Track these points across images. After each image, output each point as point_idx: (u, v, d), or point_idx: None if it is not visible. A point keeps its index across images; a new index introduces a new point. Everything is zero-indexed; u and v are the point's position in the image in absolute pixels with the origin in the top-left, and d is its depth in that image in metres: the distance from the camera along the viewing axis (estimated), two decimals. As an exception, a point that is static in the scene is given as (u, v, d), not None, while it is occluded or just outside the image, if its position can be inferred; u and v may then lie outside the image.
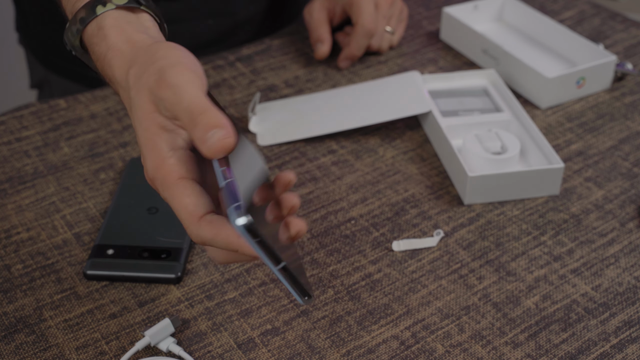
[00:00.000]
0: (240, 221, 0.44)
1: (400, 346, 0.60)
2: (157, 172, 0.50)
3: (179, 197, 0.49)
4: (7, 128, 0.82)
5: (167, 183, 0.50)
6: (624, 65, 0.90)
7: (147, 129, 0.50)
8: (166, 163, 0.50)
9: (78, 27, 0.56)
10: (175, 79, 0.49)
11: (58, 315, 0.62)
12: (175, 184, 0.50)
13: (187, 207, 0.49)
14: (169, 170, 0.50)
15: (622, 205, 0.73)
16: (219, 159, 0.48)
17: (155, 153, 0.50)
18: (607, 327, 0.62)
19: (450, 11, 0.97)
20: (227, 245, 0.49)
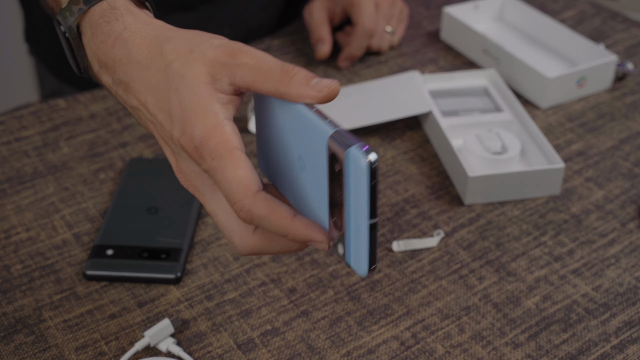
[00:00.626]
0: (372, 157, 0.43)
1: (400, 346, 0.60)
2: (208, 140, 0.47)
3: (233, 168, 0.47)
4: (6, 128, 0.82)
5: (219, 152, 0.47)
6: (624, 65, 0.90)
7: (200, 95, 0.48)
8: (222, 130, 0.47)
9: (81, 7, 0.54)
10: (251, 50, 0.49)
11: (57, 315, 0.62)
12: (230, 153, 0.47)
13: (242, 180, 0.47)
14: (224, 138, 0.47)
15: (623, 205, 0.73)
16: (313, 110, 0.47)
17: (209, 119, 0.47)
18: (608, 327, 0.62)
19: (450, 11, 0.97)
20: (279, 227, 0.47)
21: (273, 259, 0.67)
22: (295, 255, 0.67)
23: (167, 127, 0.50)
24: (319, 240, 0.48)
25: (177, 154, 0.51)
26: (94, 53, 0.54)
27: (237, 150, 0.47)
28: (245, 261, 0.67)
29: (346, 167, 0.44)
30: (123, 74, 0.52)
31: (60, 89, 1.03)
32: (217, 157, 0.47)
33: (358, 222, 0.45)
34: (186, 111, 0.48)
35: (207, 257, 0.67)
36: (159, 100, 0.50)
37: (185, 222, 0.68)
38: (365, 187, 0.43)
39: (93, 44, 0.54)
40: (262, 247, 0.50)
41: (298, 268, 0.66)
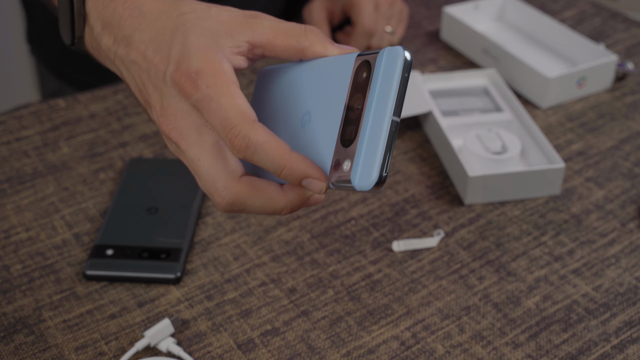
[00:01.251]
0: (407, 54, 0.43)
1: (400, 346, 0.60)
2: (205, 69, 0.46)
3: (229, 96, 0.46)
4: (6, 128, 0.82)
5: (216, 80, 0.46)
6: (624, 65, 0.90)
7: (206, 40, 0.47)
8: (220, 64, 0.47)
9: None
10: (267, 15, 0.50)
11: (57, 315, 0.62)
12: (227, 84, 0.46)
13: (239, 107, 0.45)
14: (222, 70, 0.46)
15: (623, 205, 0.73)
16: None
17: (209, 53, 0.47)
18: (608, 327, 0.62)
19: (450, 11, 0.97)
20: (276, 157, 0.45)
21: (273, 259, 0.67)
22: (295, 255, 0.67)
23: (162, 68, 0.48)
24: (316, 175, 0.45)
25: (165, 94, 0.49)
26: (100, 13, 0.53)
27: (234, 83, 0.46)
28: (246, 261, 0.67)
29: (377, 67, 0.43)
30: (129, 28, 0.51)
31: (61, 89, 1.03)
32: (212, 85, 0.46)
33: (379, 120, 0.43)
34: (187, 48, 0.47)
35: (207, 257, 0.67)
36: (160, 44, 0.49)
37: (185, 222, 0.68)
38: (397, 79, 0.42)
39: (100, 4, 0.53)
40: (247, 195, 0.48)
41: (298, 268, 0.66)
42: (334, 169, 0.45)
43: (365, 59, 0.44)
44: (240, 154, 0.45)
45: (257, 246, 0.68)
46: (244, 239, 0.69)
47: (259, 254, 0.67)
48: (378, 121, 0.43)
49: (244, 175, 0.48)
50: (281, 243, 0.68)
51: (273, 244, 0.68)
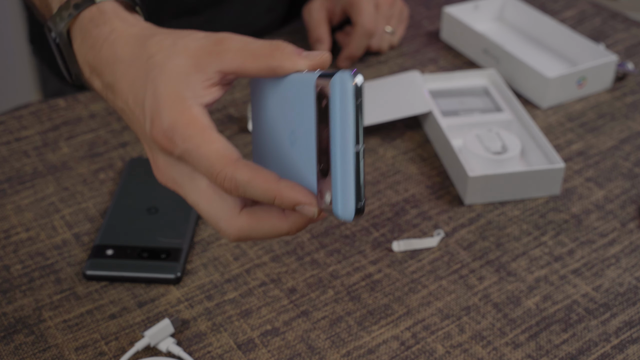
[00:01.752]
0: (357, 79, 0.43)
1: (400, 346, 0.60)
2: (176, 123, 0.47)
3: (207, 143, 0.46)
4: (6, 128, 0.82)
5: (189, 132, 0.47)
6: (624, 65, 0.90)
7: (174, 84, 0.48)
8: (190, 113, 0.47)
9: (71, 12, 0.55)
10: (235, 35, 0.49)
11: (57, 315, 0.62)
12: (201, 131, 0.47)
13: (219, 151, 0.46)
14: (193, 119, 0.47)
15: (623, 205, 0.73)
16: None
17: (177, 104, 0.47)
18: (608, 327, 0.62)
19: (450, 11, 0.97)
20: (265, 190, 0.46)
21: (273, 259, 0.67)
22: (295, 255, 0.67)
23: (142, 121, 0.50)
24: (307, 202, 0.46)
25: (153, 149, 0.50)
26: (85, 58, 0.54)
27: (208, 128, 0.47)
28: (246, 261, 0.67)
29: (332, 96, 0.44)
30: (110, 76, 0.52)
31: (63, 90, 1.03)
32: (187, 138, 0.47)
33: (344, 152, 0.44)
34: (157, 101, 0.48)
35: (207, 257, 0.67)
36: (137, 95, 0.50)
37: (185, 222, 0.68)
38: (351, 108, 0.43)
39: (83, 49, 0.54)
40: (250, 229, 0.49)
41: (298, 268, 0.66)
42: (320, 197, 0.46)
43: (321, 87, 0.45)
44: (233, 194, 0.47)
45: (257, 246, 0.68)
46: (244, 239, 0.69)
47: (259, 254, 0.67)
48: (344, 155, 0.44)
49: (245, 209, 0.49)
50: (281, 243, 0.68)
51: (273, 244, 0.68)
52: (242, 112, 0.84)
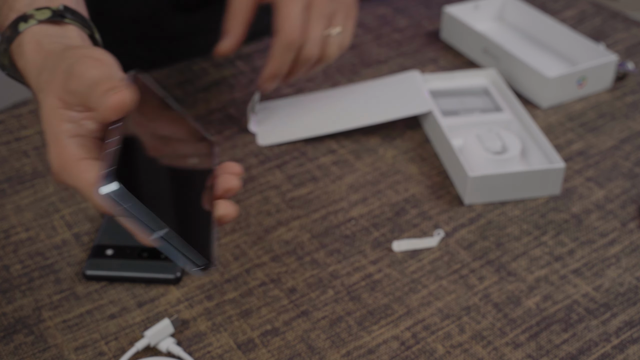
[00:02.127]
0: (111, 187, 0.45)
1: (400, 346, 0.60)
2: (59, 162, 0.50)
3: (81, 174, 0.49)
4: (5, 127, 0.82)
5: (69, 168, 0.49)
6: (625, 65, 0.90)
7: (50, 125, 0.50)
8: (66, 150, 0.50)
9: (4, 46, 0.57)
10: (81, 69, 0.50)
11: (57, 315, 0.62)
12: (76, 164, 0.49)
13: (89, 180, 0.49)
14: (69, 154, 0.49)
15: (623, 205, 0.73)
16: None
17: (56, 146, 0.50)
18: (608, 327, 0.62)
19: (450, 11, 0.97)
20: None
21: (273, 259, 0.67)
22: (295, 255, 0.67)
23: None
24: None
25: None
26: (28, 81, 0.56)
27: (83, 160, 0.49)
28: (245, 261, 0.67)
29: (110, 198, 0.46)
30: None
31: None
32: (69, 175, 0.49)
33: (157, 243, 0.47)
34: (46, 144, 0.51)
35: (207, 257, 0.67)
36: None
37: None
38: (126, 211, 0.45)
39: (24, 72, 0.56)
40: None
41: (298, 268, 0.66)
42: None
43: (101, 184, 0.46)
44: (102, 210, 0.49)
45: (257, 246, 0.68)
46: (243, 239, 0.69)
47: (258, 253, 0.67)
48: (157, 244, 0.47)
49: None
50: (281, 243, 0.68)
51: (273, 244, 0.68)
52: (242, 112, 0.84)
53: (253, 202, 0.73)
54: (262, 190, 0.74)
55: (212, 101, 0.86)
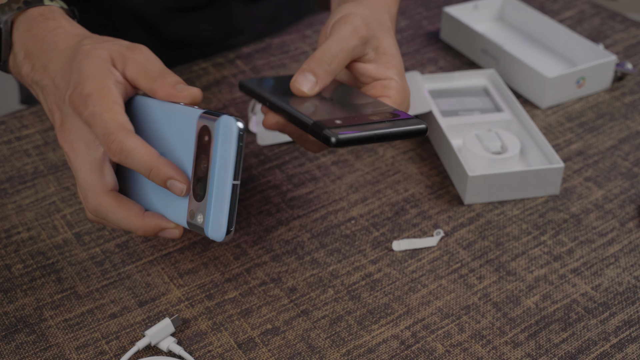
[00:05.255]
0: (239, 124, 0.50)
1: (400, 346, 0.60)
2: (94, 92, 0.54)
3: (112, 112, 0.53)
4: (7, 127, 0.82)
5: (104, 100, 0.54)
6: (623, 65, 0.90)
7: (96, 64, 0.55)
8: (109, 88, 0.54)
9: (20, 5, 0.62)
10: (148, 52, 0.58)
11: (58, 315, 0.62)
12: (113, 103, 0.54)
13: (119, 120, 0.53)
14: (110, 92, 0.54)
15: (622, 205, 0.73)
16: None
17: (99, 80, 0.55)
18: (607, 326, 0.62)
19: (450, 11, 0.97)
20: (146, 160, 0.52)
21: (273, 259, 0.67)
22: (296, 254, 0.67)
23: (63, 90, 0.57)
24: (179, 179, 0.53)
25: (64, 114, 0.57)
26: (24, 44, 0.61)
27: (118, 104, 0.54)
28: (246, 260, 0.67)
29: (216, 134, 0.51)
30: (45, 59, 0.59)
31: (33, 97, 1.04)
32: (98, 104, 0.54)
33: (223, 184, 0.50)
34: (82, 74, 0.55)
35: (207, 257, 0.67)
36: (65, 73, 0.57)
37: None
38: (234, 149, 0.50)
39: (24, 37, 0.61)
40: (107, 208, 0.55)
41: (298, 267, 0.66)
42: (190, 215, 0.54)
43: (205, 124, 0.52)
44: (116, 157, 0.53)
45: (257, 245, 0.68)
46: (244, 239, 0.69)
47: (259, 253, 0.68)
48: (222, 186, 0.51)
49: (114, 191, 0.56)
50: (281, 242, 0.69)
51: (273, 243, 0.69)
52: (242, 111, 0.84)
53: (253, 202, 0.73)
54: (262, 190, 0.74)
55: (212, 101, 0.86)
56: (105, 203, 0.55)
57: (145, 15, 0.94)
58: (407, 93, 0.64)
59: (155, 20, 0.95)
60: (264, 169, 0.77)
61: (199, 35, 0.98)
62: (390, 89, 0.63)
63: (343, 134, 0.53)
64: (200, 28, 0.98)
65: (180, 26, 0.97)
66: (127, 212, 0.56)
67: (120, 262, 0.66)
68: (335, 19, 0.64)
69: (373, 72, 0.64)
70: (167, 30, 0.97)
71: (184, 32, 0.97)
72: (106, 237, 0.69)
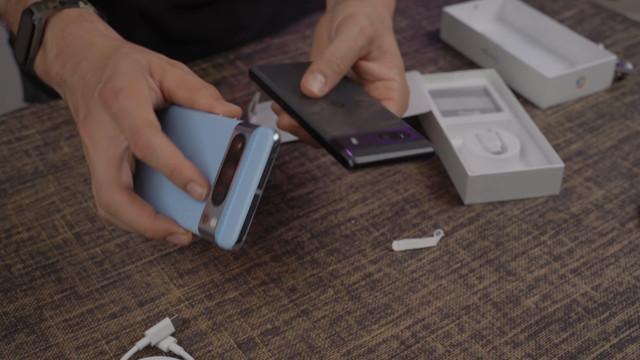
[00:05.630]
0: (276, 136, 0.51)
1: (400, 346, 0.60)
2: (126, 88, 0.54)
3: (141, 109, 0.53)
4: (7, 127, 0.82)
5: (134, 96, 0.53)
6: (623, 65, 0.90)
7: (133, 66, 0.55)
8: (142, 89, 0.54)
9: (57, 5, 0.62)
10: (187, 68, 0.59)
11: (58, 315, 0.62)
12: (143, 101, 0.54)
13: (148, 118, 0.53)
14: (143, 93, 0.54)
15: (622, 205, 0.73)
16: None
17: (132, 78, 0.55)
18: (607, 326, 0.62)
19: (450, 11, 0.97)
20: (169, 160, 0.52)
21: (273, 259, 0.67)
22: (296, 254, 0.67)
23: (93, 85, 0.56)
24: (200, 182, 0.53)
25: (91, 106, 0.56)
26: (57, 42, 0.61)
27: (148, 103, 0.54)
28: (246, 260, 0.67)
29: (250, 142, 0.51)
30: (79, 57, 0.59)
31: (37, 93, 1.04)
32: (129, 98, 0.53)
33: (245, 190, 0.51)
34: (116, 71, 0.55)
35: (207, 257, 0.67)
36: (97, 70, 0.57)
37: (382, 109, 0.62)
38: (265, 160, 0.51)
39: (60, 36, 0.61)
40: (120, 205, 0.55)
41: (298, 267, 0.66)
42: (203, 220, 0.53)
43: (241, 132, 0.52)
44: (141, 154, 0.52)
45: (257, 245, 0.68)
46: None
47: (259, 253, 0.68)
48: (244, 193, 0.51)
49: (128, 189, 0.56)
50: (281, 242, 0.69)
51: (273, 243, 0.69)
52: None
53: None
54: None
55: (212, 101, 0.86)
56: (118, 199, 0.55)
57: (150, 12, 0.94)
58: (408, 94, 0.66)
59: (160, 18, 0.95)
60: (264, 169, 0.77)
61: (202, 32, 0.98)
62: (394, 90, 0.64)
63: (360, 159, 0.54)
64: (204, 25, 0.98)
65: (185, 23, 0.97)
66: (139, 211, 0.55)
67: (120, 262, 0.66)
68: (341, 17, 0.65)
69: (376, 71, 0.65)
70: (172, 28, 0.97)
71: (188, 29, 0.97)
72: (106, 237, 0.69)
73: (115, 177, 0.55)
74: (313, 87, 0.61)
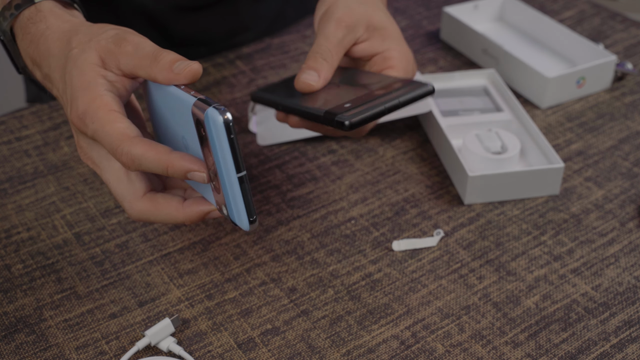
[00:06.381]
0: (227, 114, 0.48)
1: (400, 346, 0.60)
2: (89, 108, 0.53)
3: (111, 122, 0.52)
4: (7, 127, 0.82)
5: (98, 114, 0.52)
6: (624, 65, 0.90)
7: (85, 73, 0.54)
8: (100, 99, 0.53)
9: (12, 12, 0.60)
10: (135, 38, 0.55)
11: (58, 315, 0.62)
12: (108, 113, 0.52)
13: (119, 129, 0.52)
14: (103, 102, 0.53)
15: (622, 205, 0.73)
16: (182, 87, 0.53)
17: (90, 92, 0.53)
18: (607, 326, 0.62)
19: (450, 11, 0.97)
20: (158, 161, 0.51)
21: (273, 259, 0.67)
22: (296, 254, 0.67)
23: (67, 107, 0.55)
24: (196, 168, 0.51)
25: (75, 132, 0.56)
26: (26, 52, 0.60)
27: (115, 111, 0.53)
28: (246, 260, 0.67)
29: (207, 128, 0.48)
30: (46, 68, 0.58)
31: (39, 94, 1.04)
32: (96, 119, 0.52)
33: (229, 178, 0.49)
34: (74, 89, 0.54)
35: (207, 257, 0.67)
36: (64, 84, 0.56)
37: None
38: (226, 143, 0.48)
39: (24, 44, 0.60)
40: (149, 212, 0.55)
41: (298, 267, 0.66)
42: (218, 207, 0.53)
43: (198, 117, 0.49)
44: (132, 168, 0.52)
45: (257, 245, 0.68)
46: (244, 239, 0.69)
47: (259, 253, 0.68)
48: (230, 181, 0.50)
49: (148, 194, 0.56)
50: (281, 242, 0.69)
51: (273, 243, 0.69)
52: (242, 112, 0.85)
53: (253, 202, 0.73)
54: (262, 190, 0.74)
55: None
56: (143, 209, 0.55)
57: (153, 13, 0.94)
58: (409, 56, 0.65)
59: (163, 19, 0.95)
60: (264, 169, 0.77)
61: (205, 33, 0.98)
62: (391, 58, 0.64)
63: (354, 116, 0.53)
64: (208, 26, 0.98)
65: (188, 25, 0.97)
66: (167, 209, 0.55)
67: (120, 262, 0.66)
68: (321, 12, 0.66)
69: (369, 50, 0.65)
70: (175, 29, 0.97)
71: (191, 30, 0.97)
72: (106, 237, 0.69)
73: (130, 190, 0.55)
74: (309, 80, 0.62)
